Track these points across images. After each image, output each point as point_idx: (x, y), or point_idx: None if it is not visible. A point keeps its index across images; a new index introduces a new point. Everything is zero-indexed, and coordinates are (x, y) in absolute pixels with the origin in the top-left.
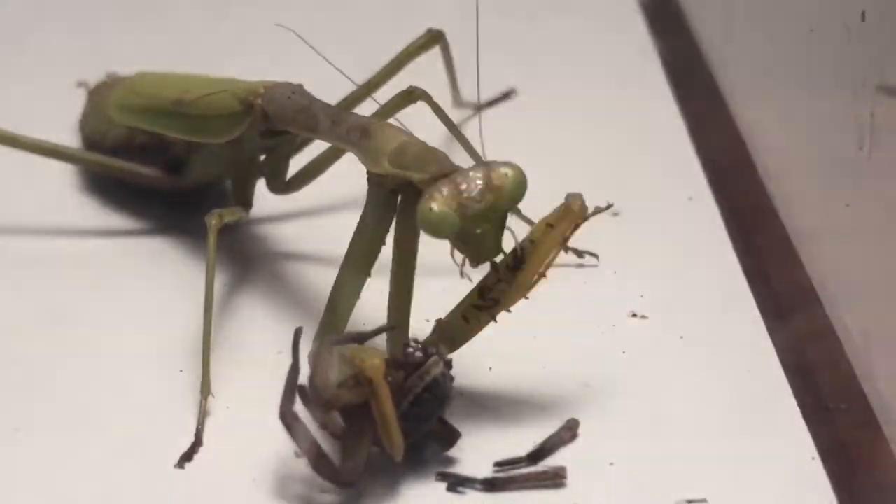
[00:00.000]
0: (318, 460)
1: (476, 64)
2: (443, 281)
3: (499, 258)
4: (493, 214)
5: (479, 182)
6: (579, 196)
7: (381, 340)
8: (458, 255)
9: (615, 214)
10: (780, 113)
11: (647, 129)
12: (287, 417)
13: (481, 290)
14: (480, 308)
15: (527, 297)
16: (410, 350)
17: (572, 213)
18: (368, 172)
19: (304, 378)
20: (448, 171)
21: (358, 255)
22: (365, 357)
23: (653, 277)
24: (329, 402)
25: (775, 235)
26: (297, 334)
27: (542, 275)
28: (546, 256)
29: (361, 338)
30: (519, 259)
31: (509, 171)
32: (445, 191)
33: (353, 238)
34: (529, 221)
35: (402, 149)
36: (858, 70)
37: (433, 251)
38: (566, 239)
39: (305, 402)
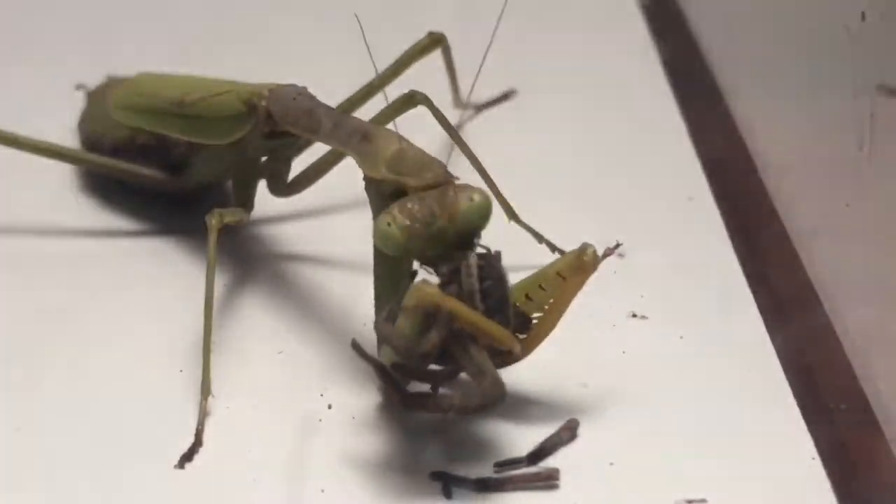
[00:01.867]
0: (465, 404)
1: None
2: None
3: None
4: (449, 237)
5: (434, 206)
6: (592, 247)
7: None
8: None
9: (621, 256)
10: (780, 113)
11: (647, 129)
12: (412, 402)
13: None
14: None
15: None
16: (444, 269)
17: (586, 266)
18: (365, 177)
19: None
20: (442, 180)
21: (382, 261)
22: (418, 292)
23: (653, 277)
24: (426, 353)
25: (775, 235)
26: (357, 345)
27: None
28: (561, 313)
29: (401, 300)
30: (525, 319)
31: (474, 196)
32: (396, 212)
33: (374, 246)
34: (533, 232)
35: (400, 155)
36: (858, 70)
37: None
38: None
39: (409, 377)
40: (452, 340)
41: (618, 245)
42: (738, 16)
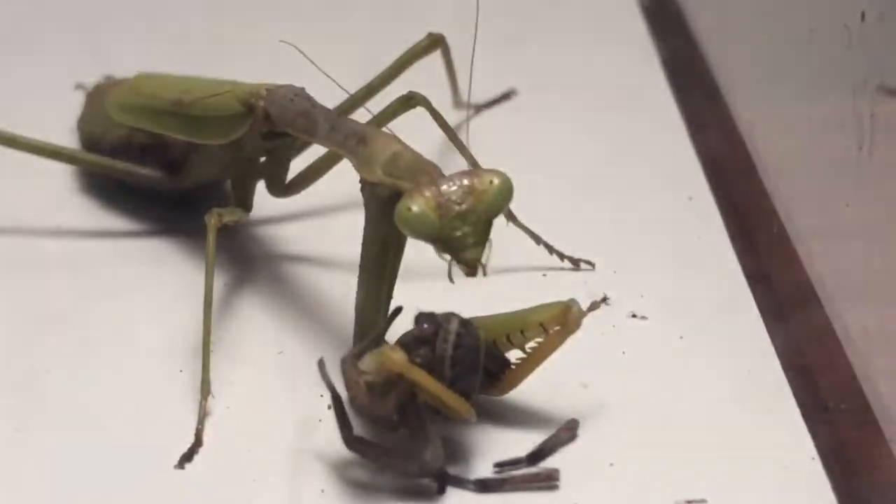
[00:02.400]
0: (403, 465)
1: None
2: (444, 281)
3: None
4: (475, 218)
5: (462, 186)
6: (577, 305)
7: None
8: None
9: (608, 304)
10: (780, 113)
11: (647, 129)
12: (355, 445)
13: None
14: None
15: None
16: (425, 326)
17: (569, 323)
18: (361, 180)
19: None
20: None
21: (370, 266)
22: (383, 357)
23: (653, 277)
24: (381, 413)
25: (775, 235)
26: (322, 365)
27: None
28: (539, 363)
29: (377, 339)
30: (503, 361)
31: (494, 179)
32: (427, 192)
33: (362, 249)
34: (531, 233)
35: (396, 158)
36: (858, 70)
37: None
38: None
39: (362, 415)
40: (408, 404)
41: (605, 298)
42: (738, 16)
